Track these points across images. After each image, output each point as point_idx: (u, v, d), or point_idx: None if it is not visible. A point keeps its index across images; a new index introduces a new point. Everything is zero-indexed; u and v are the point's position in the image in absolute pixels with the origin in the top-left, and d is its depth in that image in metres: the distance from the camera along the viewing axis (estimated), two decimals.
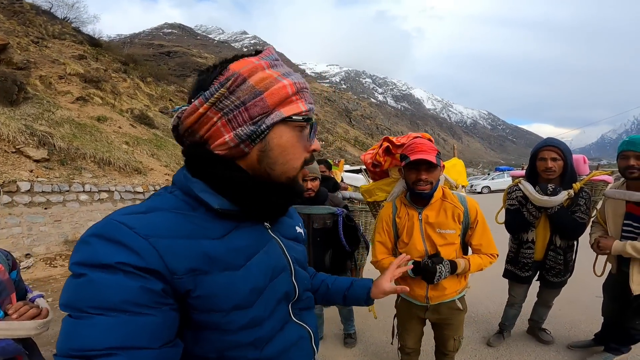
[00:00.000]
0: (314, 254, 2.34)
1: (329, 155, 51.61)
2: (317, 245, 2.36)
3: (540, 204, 2.27)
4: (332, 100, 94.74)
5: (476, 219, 1.79)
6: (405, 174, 1.78)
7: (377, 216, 1.99)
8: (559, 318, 3.26)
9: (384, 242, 1.89)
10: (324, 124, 73.09)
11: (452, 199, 1.79)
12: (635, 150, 2.06)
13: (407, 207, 1.85)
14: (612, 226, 2.22)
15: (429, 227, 1.77)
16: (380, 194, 2.22)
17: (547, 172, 2.25)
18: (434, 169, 1.69)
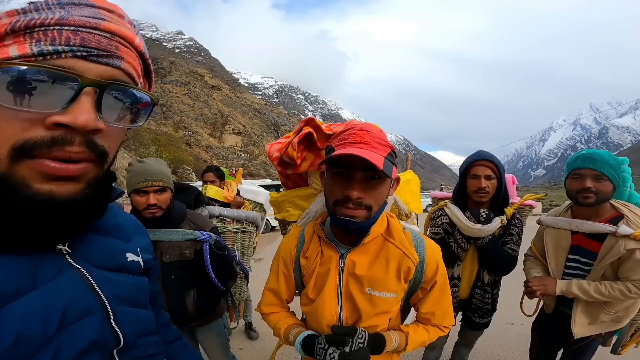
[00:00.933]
0: (168, 298, 1.62)
1: (252, 168, 51.28)
2: (172, 285, 1.63)
3: (471, 234, 1.80)
4: (262, 113, 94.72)
5: (434, 278, 1.08)
6: (325, 184, 1.01)
7: (278, 248, 1.21)
8: (475, 353, 2.87)
9: (276, 290, 1.17)
10: (250, 136, 72.56)
11: (401, 241, 1.05)
12: (594, 168, 1.56)
13: (324, 242, 1.09)
14: (553, 261, 1.77)
15: (353, 283, 1.03)
16: (292, 211, 1.49)
17: (480, 193, 1.78)
18: (378, 181, 0.92)
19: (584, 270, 1.68)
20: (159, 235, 1.61)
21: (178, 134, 54.39)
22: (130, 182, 1.54)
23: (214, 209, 2.18)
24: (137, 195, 1.54)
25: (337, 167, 0.94)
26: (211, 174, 2.96)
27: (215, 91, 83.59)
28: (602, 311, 1.64)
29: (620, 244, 1.52)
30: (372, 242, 1.05)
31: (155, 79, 29.19)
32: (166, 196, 1.60)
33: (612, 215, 1.62)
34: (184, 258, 1.65)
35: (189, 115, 68.37)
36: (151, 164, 1.57)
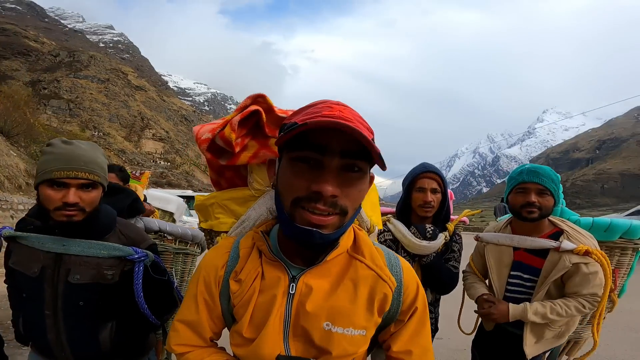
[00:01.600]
0: (70, 330, 1.21)
1: (173, 178, 47.86)
2: (79, 314, 1.22)
3: (416, 251, 1.69)
4: (189, 120, 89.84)
5: (413, 305, 0.83)
6: (281, 175, 0.74)
7: (199, 265, 0.90)
8: None
9: (194, 324, 0.84)
10: (174, 143, 68.11)
11: (374, 259, 0.81)
12: (538, 182, 1.55)
13: (266, 260, 0.81)
14: (496, 278, 1.72)
15: (306, 315, 0.76)
16: (223, 218, 1.12)
17: (426, 207, 1.70)
18: (359, 175, 0.70)
19: (526, 286, 1.66)
20: (68, 246, 1.18)
21: (84, 134, 48.36)
22: (44, 167, 1.11)
23: (152, 222, 1.75)
24: (50, 188, 1.10)
25: (303, 149, 0.67)
26: (112, 174, 2.43)
27: (139, 92, 76.97)
28: (547, 328, 1.63)
29: (564, 259, 1.52)
30: (335, 261, 0.78)
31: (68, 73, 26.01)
32: (94, 195, 1.17)
33: (552, 230, 1.65)
34: (103, 280, 1.22)
35: (102, 115, 61.50)
36: (83, 148, 1.16)
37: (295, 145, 0.68)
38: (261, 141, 1.01)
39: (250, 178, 1.07)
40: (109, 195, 1.35)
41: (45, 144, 1.19)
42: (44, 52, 69.46)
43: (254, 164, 1.04)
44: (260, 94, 0.99)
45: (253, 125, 0.99)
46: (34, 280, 1.18)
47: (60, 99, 58.25)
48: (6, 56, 61.80)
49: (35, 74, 61.97)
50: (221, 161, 1.04)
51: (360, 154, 0.66)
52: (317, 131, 0.64)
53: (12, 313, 1.29)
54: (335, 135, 0.64)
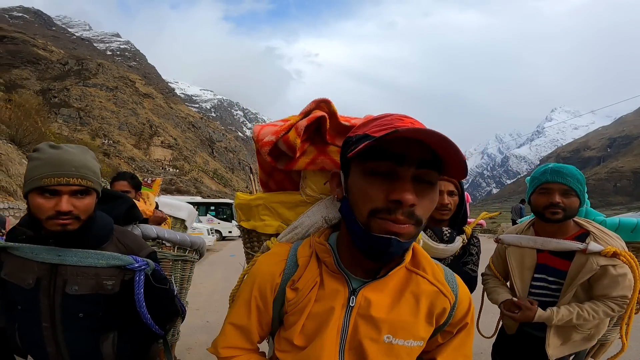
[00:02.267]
0: (71, 344, 1.18)
1: (182, 185, 48.25)
2: (79, 326, 1.18)
3: (433, 254, 1.57)
4: (197, 126, 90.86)
5: (464, 320, 0.85)
6: (354, 187, 0.73)
7: (249, 271, 0.94)
8: None
9: (244, 328, 0.87)
10: (182, 150, 68.77)
11: (435, 275, 0.83)
12: (562, 182, 1.50)
13: (326, 271, 0.81)
14: (518, 281, 1.67)
15: (366, 328, 0.77)
16: (269, 221, 1.09)
17: (442, 210, 1.67)
18: (431, 187, 0.71)
19: (551, 289, 1.60)
20: (64, 256, 1.11)
21: (95, 142, 49.17)
22: (32, 174, 1.04)
23: (150, 229, 1.68)
24: (41, 197, 1.04)
25: (380, 158, 0.67)
26: (124, 182, 2.40)
27: (147, 99, 78.18)
28: (575, 331, 1.57)
29: (592, 261, 1.46)
30: (393, 275, 0.79)
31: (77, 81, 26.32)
32: (88, 202, 1.10)
33: (578, 232, 1.57)
34: (103, 291, 1.17)
35: (112, 123, 62.56)
36: (72, 152, 1.08)
37: (370, 156, 0.68)
38: (320, 147, 0.98)
39: (303, 183, 1.04)
40: (104, 202, 1.29)
41: (33, 149, 1.11)
42: (52, 60, 71.00)
43: (310, 170, 1.01)
44: (324, 99, 0.96)
45: (313, 130, 0.97)
46: (29, 292, 1.14)
47: (70, 107, 59.41)
48: (16, 65, 63.32)
49: (45, 82, 63.31)
50: (279, 165, 1.00)
51: (434, 164, 0.67)
52: (397, 142, 0.65)
53: (6, 326, 1.24)
54: (413, 145, 0.65)
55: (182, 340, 2.97)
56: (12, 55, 64.64)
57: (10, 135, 13.89)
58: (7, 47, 65.07)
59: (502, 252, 1.80)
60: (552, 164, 1.59)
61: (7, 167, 10.32)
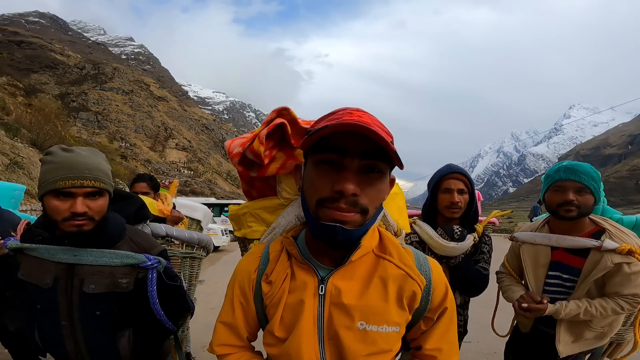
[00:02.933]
0: (90, 341, 1.22)
1: (196, 186, 48.99)
2: (97, 324, 1.22)
3: (444, 252, 1.67)
4: (210, 128, 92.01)
5: (443, 305, 0.86)
6: (306, 177, 0.79)
7: (234, 270, 0.97)
8: None
9: (232, 325, 0.92)
10: (196, 152, 69.81)
11: (402, 258, 0.84)
12: (577, 179, 1.49)
13: (296, 262, 0.85)
14: (532, 279, 1.67)
15: (339, 316, 0.80)
16: (255, 227, 1.20)
17: (453, 208, 1.68)
18: (378, 176, 0.74)
19: (566, 286, 1.60)
20: (80, 256, 1.15)
21: (113, 145, 50.36)
22: (46, 178, 1.08)
23: (159, 227, 1.76)
24: (56, 199, 1.08)
25: (325, 151, 0.72)
26: (143, 183, 2.53)
27: (161, 102, 79.60)
28: (587, 328, 1.56)
29: (606, 258, 1.45)
30: (361, 261, 0.82)
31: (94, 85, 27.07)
32: (102, 203, 1.15)
33: (593, 229, 1.56)
34: (118, 289, 1.21)
35: (128, 126, 63.93)
36: (84, 155, 1.13)
37: (318, 149, 0.73)
38: (288, 152, 1.06)
39: (279, 187, 1.12)
40: (115, 202, 1.34)
41: (46, 152, 1.16)
42: (70, 65, 72.85)
43: (282, 174, 1.09)
44: (285, 107, 1.04)
45: (279, 137, 1.04)
46: (47, 292, 1.17)
47: (88, 111, 60.95)
48: (34, 69, 65.24)
49: (63, 86, 65.06)
50: (252, 173, 1.09)
51: (380, 155, 0.70)
52: (338, 135, 0.69)
53: (26, 326, 1.29)
54: (355, 138, 0.68)
55: (197, 338, 3.01)
56: (31, 60, 66.58)
57: (31, 139, 14.37)
58: (25, 52, 67.11)
59: (517, 249, 1.80)
60: (566, 162, 1.60)
61: (29, 170, 10.69)
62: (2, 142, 11.49)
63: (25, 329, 1.29)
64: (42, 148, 13.83)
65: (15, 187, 2.54)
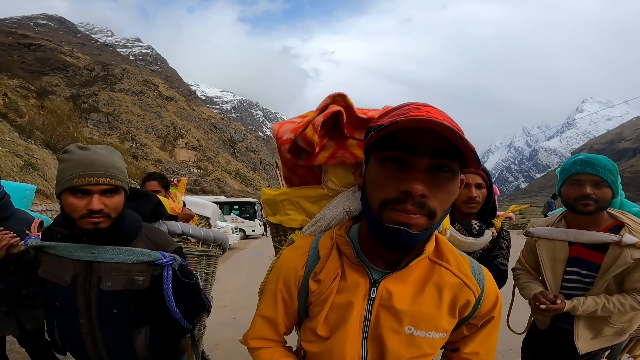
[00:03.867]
0: (107, 338, 1.23)
1: (206, 185, 49.39)
2: (114, 322, 1.23)
3: (462, 249, 1.57)
4: (218, 127, 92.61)
5: (490, 314, 0.84)
6: (369, 176, 0.73)
7: (275, 264, 0.95)
8: None
9: (272, 320, 0.89)
10: (205, 151, 70.32)
11: (459, 266, 0.81)
12: (594, 173, 1.46)
13: (347, 262, 0.82)
14: (550, 275, 1.64)
15: (387, 319, 0.77)
16: (294, 215, 1.12)
17: (471, 203, 1.64)
18: (449, 176, 0.69)
19: (585, 282, 1.56)
20: (98, 253, 1.16)
21: (124, 146, 50.97)
22: (63, 175, 1.09)
23: (175, 225, 1.74)
24: (73, 197, 1.09)
25: (392, 148, 0.66)
26: (154, 182, 2.54)
27: (170, 102, 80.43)
28: (606, 325, 1.53)
29: (626, 253, 1.41)
30: (416, 266, 0.78)
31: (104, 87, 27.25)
32: (118, 200, 1.15)
33: (612, 223, 1.51)
34: (135, 287, 1.21)
35: (138, 127, 64.77)
36: (100, 153, 1.13)
37: (383, 146, 0.67)
38: (339, 142, 0.99)
39: (324, 177, 1.06)
40: (131, 200, 1.34)
41: (63, 150, 1.17)
42: (80, 66, 73.98)
43: (330, 164, 1.02)
44: (340, 93, 0.96)
45: (331, 125, 0.97)
46: (67, 289, 1.19)
47: (99, 112, 61.89)
48: (45, 72, 66.38)
49: (74, 88, 66.14)
50: (299, 161, 1.02)
51: (451, 154, 0.65)
52: (406, 131, 0.64)
53: (46, 323, 1.31)
54: (424, 134, 0.63)
55: (210, 337, 3.04)
56: (41, 62, 67.74)
57: (44, 140, 14.63)
58: (35, 55, 68.30)
59: (533, 245, 1.75)
60: (582, 155, 1.54)
61: (43, 171, 10.89)
62: (16, 144, 11.73)
63: (46, 328, 1.31)
64: (55, 149, 14.08)
65: (26, 187, 2.59)
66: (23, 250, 1.67)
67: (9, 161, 10.28)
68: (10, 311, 1.80)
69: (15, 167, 10.27)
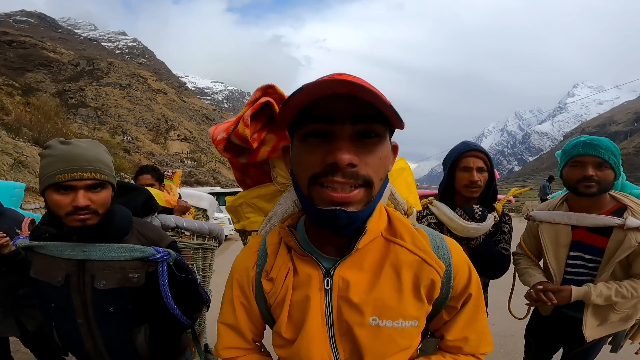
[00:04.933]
0: (107, 338, 1.21)
1: (200, 176, 49.11)
2: (112, 320, 1.20)
3: (465, 234, 1.59)
4: (210, 118, 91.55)
5: (467, 291, 0.75)
6: (294, 156, 0.68)
7: (231, 267, 0.89)
8: None
9: (234, 326, 0.82)
10: (198, 142, 69.67)
11: (415, 241, 0.73)
12: (596, 154, 1.42)
13: (296, 255, 0.76)
14: (553, 260, 1.59)
15: (349, 311, 0.70)
16: (253, 217, 1.10)
17: (472, 187, 1.60)
18: (376, 141, 0.63)
19: (589, 267, 1.52)
20: (89, 251, 1.12)
21: (115, 140, 50.30)
22: (45, 172, 1.04)
23: (169, 219, 1.68)
24: (57, 194, 1.03)
25: (310, 122, 0.61)
26: (148, 175, 2.48)
27: (159, 95, 79.17)
28: (612, 311, 1.51)
29: (630, 237, 1.38)
30: (369, 247, 0.71)
31: (90, 81, 26.79)
32: (104, 195, 1.10)
33: (614, 206, 1.49)
34: (130, 284, 1.16)
35: (128, 120, 63.83)
36: (83, 147, 1.07)
37: (302, 122, 0.62)
38: (279, 133, 0.95)
39: (273, 173, 1.02)
40: (121, 195, 1.29)
41: (44, 145, 1.10)
42: (64, 62, 72.33)
43: (275, 158, 0.98)
44: (270, 85, 0.93)
45: (267, 118, 0.93)
46: (61, 290, 1.15)
47: (87, 107, 60.78)
48: (28, 68, 64.84)
49: (59, 84, 64.76)
50: (241, 159, 0.98)
51: (374, 117, 0.60)
52: (322, 102, 0.58)
53: (44, 325, 1.27)
54: (342, 101, 0.58)
55: (212, 330, 3.01)
56: (24, 59, 66.13)
57: (33, 137, 14.36)
58: (17, 52, 66.64)
59: (534, 229, 1.71)
60: (584, 137, 1.50)
61: (34, 168, 10.72)
62: (4, 142, 11.50)
63: (44, 329, 1.28)
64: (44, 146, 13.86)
65: (15, 185, 2.52)
66: (14, 251, 1.62)
67: None
68: (9, 312, 1.77)
69: (5, 165, 10.08)
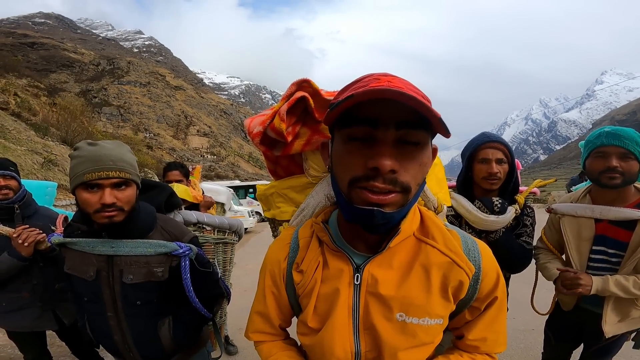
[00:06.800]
0: (134, 330, 1.27)
1: (220, 170, 49.94)
2: (139, 313, 1.26)
3: (483, 227, 1.57)
4: (228, 113, 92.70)
5: (493, 294, 0.77)
6: (335, 156, 0.69)
7: (265, 258, 0.92)
8: None
9: (264, 314, 0.89)
10: (217, 137, 70.71)
11: (447, 243, 0.74)
12: (620, 145, 1.39)
13: (328, 249, 0.78)
14: (575, 254, 1.56)
15: (376, 306, 0.73)
16: (284, 207, 1.12)
17: (491, 179, 1.57)
18: (417, 148, 0.63)
19: (612, 262, 1.48)
20: (117, 247, 1.19)
21: (138, 137, 51.73)
22: (75, 172, 1.11)
23: (190, 214, 1.74)
24: (86, 192, 1.11)
25: (354, 124, 0.62)
26: (176, 171, 2.57)
27: (178, 92, 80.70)
28: (633, 307, 1.47)
29: None
30: (400, 246, 0.73)
31: (112, 80, 27.36)
32: (129, 193, 1.16)
33: (639, 199, 1.44)
34: (154, 278, 1.24)
35: (150, 117, 65.43)
36: (108, 147, 1.14)
37: (345, 122, 0.63)
38: (312, 127, 0.96)
39: (305, 165, 1.05)
40: (145, 192, 1.36)
41: (74, 147, 1.19)
42: (85, 62, 74.41)
43: (308, 151, 1.00)
44: (305, 79, 0.94)
45: (302, 112, 0.95)
46: (92, 284, 1.22)
47: (110, 105, 62.64)
48: (52, 69, 67.04)
49: (83, 84, 66.81)
50: (275, 152, 1.01)
51: (418, 124, 0.60)
52: (366, 104, 0.59)
53: (78, 318, 1.36)
54: (387, 106, 0.58)
55: (233, 321, 3.09)
56: (47, 60, 68.31)
57: (61, 137, 14.92)
58: (39, 53, 68.90)
59: (556, 222, 1.68)
60: (608, 127, 1.46)
61: (63, 166, 11.18)
62: (34, 142, 12.02)
63: (78, 322, 1.36)
64: (72, 145, 14.35)
65: (48, 185, 2.67)
66: (50, 247, 1.73)
67: (28, 159, 10.57)
68: (47, 306, 1.86)
69: (35, 164, 10.55)
